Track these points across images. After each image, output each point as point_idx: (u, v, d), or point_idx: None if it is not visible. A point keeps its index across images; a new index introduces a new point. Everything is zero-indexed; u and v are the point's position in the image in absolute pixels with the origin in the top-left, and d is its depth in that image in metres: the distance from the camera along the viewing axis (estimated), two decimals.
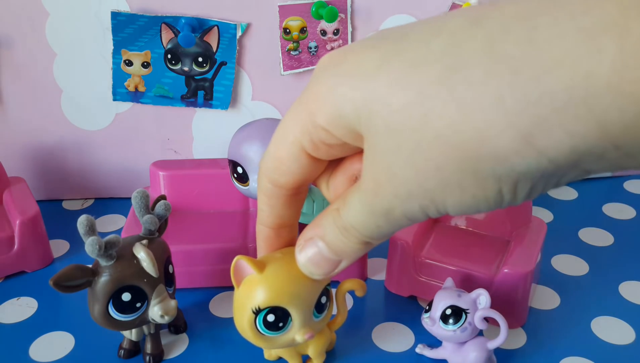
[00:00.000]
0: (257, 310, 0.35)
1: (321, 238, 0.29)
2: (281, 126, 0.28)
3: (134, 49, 0.57)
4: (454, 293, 0.41)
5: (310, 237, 0.29)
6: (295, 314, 0.36)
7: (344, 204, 0.27)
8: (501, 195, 0.22)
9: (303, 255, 0.30)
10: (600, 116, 0.18)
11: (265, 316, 0.36)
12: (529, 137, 0.19)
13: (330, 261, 0.29)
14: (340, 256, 0.29)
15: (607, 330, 0.47)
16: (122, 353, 0.44)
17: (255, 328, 0.36)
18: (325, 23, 0.57)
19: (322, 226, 0.28)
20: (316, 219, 0.29)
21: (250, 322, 0.36)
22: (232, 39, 0.57)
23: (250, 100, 0.60)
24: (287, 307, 0.36)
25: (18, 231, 0.51)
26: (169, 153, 0.62)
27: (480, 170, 0.21)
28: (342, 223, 0.27)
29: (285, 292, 0.35)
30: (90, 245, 0.37)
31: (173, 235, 0.49)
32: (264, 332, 0.36)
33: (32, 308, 0.49)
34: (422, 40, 0.22)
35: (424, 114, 0.21)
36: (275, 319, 0.36)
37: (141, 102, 0.59)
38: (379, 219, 0.25)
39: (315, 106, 0.25)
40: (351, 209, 0.26)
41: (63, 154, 0.62)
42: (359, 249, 0.28)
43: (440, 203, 0.23)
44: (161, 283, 0.40)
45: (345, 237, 0.27)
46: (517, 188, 0.21)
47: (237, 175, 0.46)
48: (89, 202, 0.64)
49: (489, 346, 0.41)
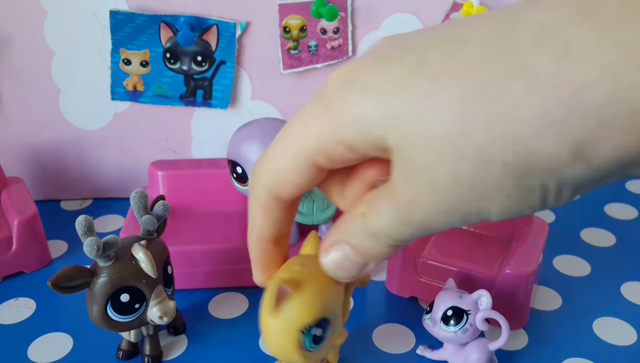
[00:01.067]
0: (307, 329, 0.34)
1: (347, 242, 0.28)
2: (285, 138, 0.27)
3: (132, 48, 0.56)
4: (455, 294, 0.41)
5: (334, 242, 0.29)
6: (333, 319, 0.35)
7: (373, 211, 0.26)
8: (545, 199, 0.22)
9: (329, 259, 0.30)
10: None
11: (313, 332, 0.34)
12: (576, 149, 0.20)
13: (357, 264, 0.29)
14: (367, 259, 0.28)
15: (609, 331, 0.46)
16: (121, 355, 0.43)
17: (304, 348, 0.34)
18: (325, 22, 0.57)
19: (347, 231, 0.28)
20: (339, 223, 0.29)
21: (298, 344, 0.34)
22: (231, 37, 0.56)
23: (250, 99, 0.60)
24: (329, 316, 0.35)
25: (16, 232, 0.51)
26: (168, 153, 0.62)
27: (527, 181, 0.21)
28: (370, 229, 0.27)
29: (326, 301, 0.34)
30: (89, 245, 0.37)
31: (172, 236, 0.49)
32: (312, 348, 0.35)
33: (31, 308, 0.48)
34: (449, 53, 0.22)
35: (465, 130, 0.21)
36: (322, 332, 0.35)
37: (140, 102, 0.59)
38: (414, 229, 0.25)
39: (334, 122, 0.24)
40: (383, 218, 0.26)
41: (61, 154, 0.61)
42: (387, 252, 0.28)
43: (485, 212, 0.23)
44: (160, 284, 0.40)
45: (374, 242, 0.27)
46: (562, 193, 0.22)
47: (236, 175, 0.45)
48: (87, 202, 0.64)
49: (491, 347, 0.41)
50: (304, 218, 0.47)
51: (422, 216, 0.24)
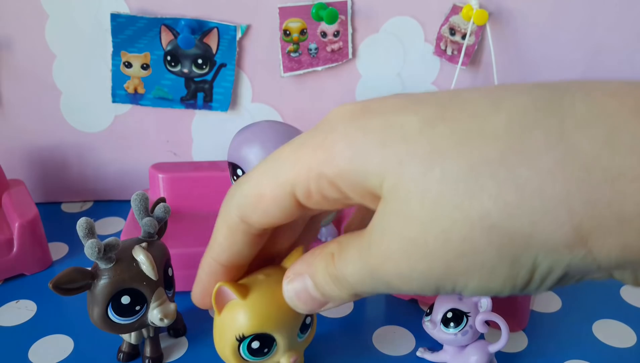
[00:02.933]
0: (242, 338, 0.33)
1: (311, 277, 0.27)
2: (272, 161, 0.26)
3: (133, 51, 0.56)
4: (455, 297, 0.41)
5: (300, 272, 0.28)
6: (280, 339, 0.35)
7: (341, 254, 0.25)
8: (529, 284, 0.21)
9: (291, 288, 0.29)
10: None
11: (249, 343, 0.34)
12: (585, 235, 0.19)
13: (317, 301, 0.28)
14: (328, 299, 0.27)
15: (609, 333, 0.46)
16: (122, 357, 0.43)
17: (239, 355, 0.34)
18: (325, 25, 0.57)
19: (314, 266, 0.27)
20: (308, 255, 0.28)
21: (234, 349, 0.34)
22: (231, 40, 0.57)
23: (250, 102, 0.60)
24: (273, 333, 0.34)
25: (17, 234, 0.51)
26: (169, 155, 0.62)
27: (521, 258, 0.20)
28: (335, 272, 0.26)
29: (271, 318, 0.33)
30: (90, 247, 0.37)
31: (172, 238, 0.49)
32: (248, 358, 0.35)
33: (31, 311, 0.48)
34: (477, 113, 0.21)
35: (472, 192, 0.20)
36: (260, 345, 0.34)
37: (140, 104, 0.59)
38: (379, 285, 0.24)
39: (326, 155, 0.23)
40: (349, 265, 0.25)
41: (62, 157, 0.61)
42: (347, 299, 0.27)
43: (462, 284, 0.22)
44: (161, 286, 0.40)
45: (336, 286, 0.26)
46: (548, 278, 0.21)
47: (237, 178, 0.46)
48: (88, 204, 0.64)
49: (490, 349, 0.41)
50: None
51: (392, 275, 0.23)
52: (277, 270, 0.34)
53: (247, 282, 0.33)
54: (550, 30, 0.60)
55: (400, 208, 0.21)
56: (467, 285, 0.21)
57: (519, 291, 0.21)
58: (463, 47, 0.59)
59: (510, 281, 0.21)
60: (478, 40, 0.59)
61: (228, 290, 0.33)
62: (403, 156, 0.21)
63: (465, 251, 0.20)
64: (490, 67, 0.60)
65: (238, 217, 0.27)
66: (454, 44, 0.59)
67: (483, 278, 0.21)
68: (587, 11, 0.59)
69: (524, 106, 0.20)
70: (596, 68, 0.62)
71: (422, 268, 0.22)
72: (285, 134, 0.44)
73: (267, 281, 0.33)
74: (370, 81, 0.60)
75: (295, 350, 0.36)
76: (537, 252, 0.20)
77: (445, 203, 0.20)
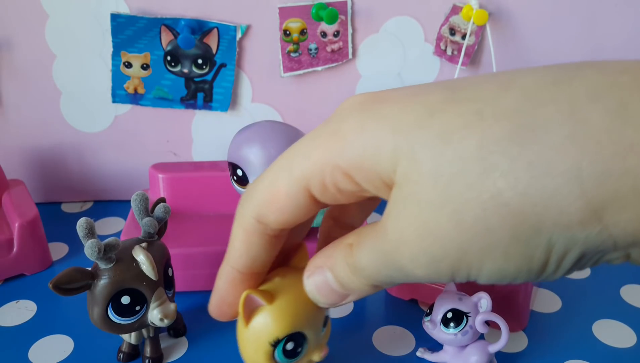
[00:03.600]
0: (277, 342, 0.34)
1: (330, 269, 0.27)
2: (285, 158, 0.25)
3: (133, 51, 0.56)
4: (455, 297, 0.41)
5: (319, 265, 0.28)
6: (310, 335, 0.35)
7: (358, 244, 0.25)
8: (545, 266, 0.21)
9: (311, 281, 0.29)
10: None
11: (284, 345, 0.34)
12: (599, 210, 0.19)
13: (338, 294, 0.28)
14: (348, 291, 0.27)
15: (609, 334, 0.46)
16: (122, 357, 0.43)
17: (274, 361, 0.34)
18: (325, 25, 0.57)
19: (333, 258, 0.27)
20: (328, 248, 0.27)
21: (269, 356, 0.34)
22: (231, 40, 0.57)
23: (250, 102, 0.60)
24: (304, 330, 0.34)
25: (17, 234, 0.51)
26: (169, 155, 0.62)
27: (535, 238, 0.20)
28: (352, 262, 0.26)
29: (301, 316, 0.34)
30: (90, 247, 0.37)
31: (172, 238, 0.49)
32: (283, 362, 0.35)
33: (32, 311, 0.48)
34: (487, 94, 0.21)
35: (484, 170, 0.20)
36: (294, 346, 0.34)
37: (140, 105, 0.59)
38: (395, 272, 0.24)
39: (339, 145, 0.23)
40: (366, 253, 0.25)
41: (62, 157, 0.61)
42: (366, 290, 0.26)
43: (476, 268, 0.21)
44: (161, 286, 0.40)
45: (355, 276, 0.26)
46: (565, 260, 0.20)
47: (237, 178, 0.46)
48: (88, 205, 0.64)
49: (490, 350, 0.41)
50: None
51: (407, 259, 0.22)
52: (289, 270, 0.35)
53: (266, 287, 0.34)
54: (550, 30, 0.60)
55: (413, 191, 0.21)
56: (482, 268, 0.21)
57: (536, 275, 0.21)
58: (463, 47, 0.59)
59: (526, 263, 0.20)
60: (478, 41, 0.59)
61: (255, 297, 0.32)
62: (414, 140, 0.21)
63: (478, 231, 0.20)
64: (490, 67, 0.60)
65: (254, 218, 0.27)
66: (454, 44, 0.59)
67: (497, 261, 0.21)
68: (587, 11, 0.59)
69: (534, 84, 0.20)
70: None
71: (436, 251, 0.21)
72: (285, 134, 0.44)
73: (284, 282, 0.33)
74: (370, 81, 0.60)
75: (322, 344, 0.37)
76: (551, 231, 0.19)
77: (457, 184, 0.20)
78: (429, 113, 0.21)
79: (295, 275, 0.35)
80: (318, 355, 0.36)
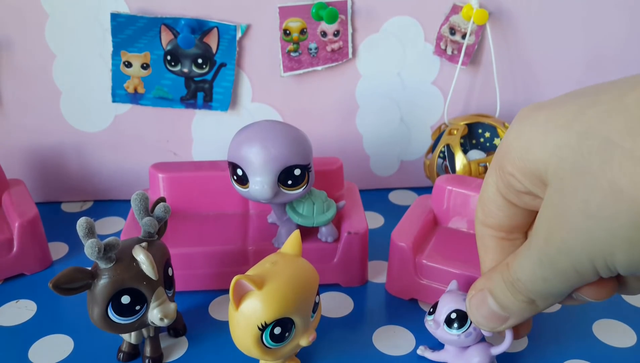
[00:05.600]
0: (264, 326, 0.35)
1: (490, 291, 0.29)
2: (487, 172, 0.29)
3: (133, 51, 0.56)
4: (460, 297, 0.41)
5: (480, 288, 0.29)
6: (298, 320, 0.36)
7: (514, 257, 0.27)
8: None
9: (473, 304, 0.30)
10: None
11: (272, 330, 0.36)
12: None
13: (498, 317, 0.29)
14: (507, 313, 0.28)
15: (609, 333, 0.46)
16: (122, 357, 0.43)
17: (262, 344, 0.36)
18: (325, 24, 0.57)
19: (492, 280, 0.28)
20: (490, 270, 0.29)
21: (257, 339, 0.36)
22: (231, 40, 0.57)
23: (250, 102, 0.60)
24: (292, 316, 0.36)
25: (17, 234, 0.51)
26: (169, 155, 0.62)
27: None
28: (509, 277, 0.27)
29: (289, 302, 0.35)
30: (90, 247, 0.37)
31: (172, 238, 0.49)
32: (271, 346, 0.36)
33: (31, 310, 0.48)
34: (617, 95, 0.22)
35: (605, 160, 0.21)
36: (281, 331, 0.36)
37: (140, 104, 0.59)
38: (546, 270, 0.25)
39: (504, 152, 0.26)
40: (519, 261, 0.26)
41: (62, 156, 0.61)
42: (524, 308, 0.27)
43: (609, 255, 0.22)
44: (160, 285, 0.40)
45: (512, 293, 0.27)
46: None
47: (236, 177, 0.46)
48: (88, 204, 0.64)
49: (493, 352, 0.40)
50: (304, 219, 0.47)
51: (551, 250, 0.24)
52: (280, 256, 0.37)
53: (257, 273, 0.35)
54: (550, 30, 0.60)
55: (557, 187, 0.23)
56: (614, 258, 0.22)
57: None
58: (463, 46, 0.59)
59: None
60: (478, 40, 0.59)
61: (245, 282, 0.34)
62: (560, 141, 0.23)
63: (602, 218, 0.22)
64: (491, 66, 0.60)
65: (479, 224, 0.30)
66: (454, 44, 0.59)
67: (625, 249, 0.22)
68: (587, 11, 0.59)
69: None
70: (596, 68, 0.62)
71: (571, 241, 0.23)
72: (285, 134, 0.44)
73: (275, 268, 0.35)
74: (370, 80, 0.60)
75: (311, 329, 0.38)
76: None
77: (585, 174, 0.22)
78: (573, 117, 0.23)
79: (285, 262, 0.37)
80: (306, 340, 0.37)
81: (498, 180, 0.27)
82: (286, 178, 0.45)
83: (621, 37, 0.60)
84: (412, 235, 0.48)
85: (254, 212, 0.54)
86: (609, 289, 0.27)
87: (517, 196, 0.27)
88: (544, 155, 0.24)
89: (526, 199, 0.27)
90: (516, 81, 0.62)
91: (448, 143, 0.58)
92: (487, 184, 0.28)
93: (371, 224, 0.60)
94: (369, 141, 0.64)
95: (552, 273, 0.25)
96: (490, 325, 0.30)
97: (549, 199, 0.24)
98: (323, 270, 0.48)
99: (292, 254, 0.38)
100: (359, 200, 0.54)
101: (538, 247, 0.25)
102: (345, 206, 0.51)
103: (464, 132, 0.59)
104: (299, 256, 0.39)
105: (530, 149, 0.25)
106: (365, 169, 0.65)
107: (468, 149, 0.60)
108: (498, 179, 0.27)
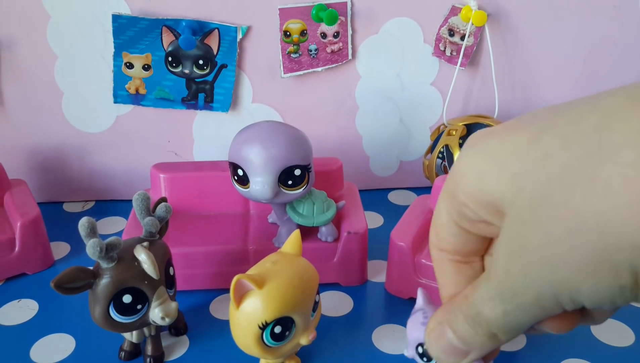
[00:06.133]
0: (264, 325, 0.35)
1: (449, 324, 0.27)
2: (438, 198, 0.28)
3: (134, 52, 0.57)
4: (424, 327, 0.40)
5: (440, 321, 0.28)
6: (298, 319, 0.37)
7: (473, 289, 0.26)
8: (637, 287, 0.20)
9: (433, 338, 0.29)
10: None
11: (272, 329, 0.36)
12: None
13: (459, 351, 0.27)
14: (468, 347, 0.27)
15: (607, 332, 0.47)
16: (123, 355, 0.44)
17: (263, 343, 0.36)
18: (325, 26, 0.57)
19: (452, 313, 0.27)
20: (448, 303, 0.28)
21: (257, 338, 0.36)
22: (232, 41, 0.57)
23: (251, 102, 0.60)
24: (292, 315, 0.36)
25: (19, 234, 0.51)
26: (170, 156, 0.62)
27: (616, 259, 0.20)
28: (469, 310, 0.26)
29: (289, 301, 0.36)
30: (92, 247, 0.37)
31: (174, 237, 0.49)
32: (272, 344, 0.37)
33: (33, 310, 0.49)
34: (574, 118, 0.21)
35: (566, 190, 0.20)
36: (282, 330, 0.36)
37: (142, 105, 0.59)
38: (508, 304, 0.24)
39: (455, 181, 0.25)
40: (479, 293, 0.25)
41: (64, 157, 0.62)
42: (486, 342, 0.26)
43: (575, 290, 0.21)
44: (162, 285, 0.40)
45: (472, 327, 0.26)
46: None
47: (237, 177, 0.46)
48: (89, 204, 0.64)
49: None
50: (304, 219, 0.48)
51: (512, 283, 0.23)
52: (281, 256, 0.37)
53: (257, 272, 0.35)
54: (548, 31, 0.60)
55: (514, 217, 0.22)
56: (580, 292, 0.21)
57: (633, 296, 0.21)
58: (462, 48, 0.59)
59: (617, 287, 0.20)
60: (477, 41, 0.59)
61: (245, 281, 0.34)
62: (515, 170, 0.22)
63: (565, 250, 0.20)
64: (489, 67, 0.60)
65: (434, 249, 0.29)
66: (452, 45, 0.59)
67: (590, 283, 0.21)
68: (585, 12, 0.59)
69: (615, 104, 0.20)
70: (594, 68, 0.62)
71: (533, 274, 0.22)
72: (285, 135, 0.45)
73: (275, 268, 0.36)
74: (370, 81, 0.61)
75: (311, 328, 0.38)
76: (629, 254, 0.19)
77: (546, 205, 0.21)
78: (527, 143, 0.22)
79: (286, 261, 0.37)
80: (306, 339, 0.38)
81: (450, 208, 0.26)
82: (286, 178, 0.45)
83: (619, 38, 0.61)
84: (411, 234, 0.48)
85: (255, 212, 0.54)
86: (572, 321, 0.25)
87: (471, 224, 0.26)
88: (498, 185, 0.22)
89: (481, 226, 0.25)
90: (514, 82, 0.62)
91: (447, 143, 0.59)
92: (440, 211, 0.27)
93: (371, 224, 0.60)
94: (368, 141, 0.64)
95: (513, 307, 0.24)
96: (450, 359, 0.29)
97: (507, 230, 0.23)
98: (323, 269, 0.49)
99: (292, 253, 0.38)
100: (359, 200, 0.54)
101: (498, 280, 0.24)
102: (345, 206, 0.52)
103: (463, 133, 0.59)
104: (299, 256, 0.39)
105: (484, 179, 0.23)
106: (364, 169, 0.66)
107: None
108: (450, 207, 0.26)
